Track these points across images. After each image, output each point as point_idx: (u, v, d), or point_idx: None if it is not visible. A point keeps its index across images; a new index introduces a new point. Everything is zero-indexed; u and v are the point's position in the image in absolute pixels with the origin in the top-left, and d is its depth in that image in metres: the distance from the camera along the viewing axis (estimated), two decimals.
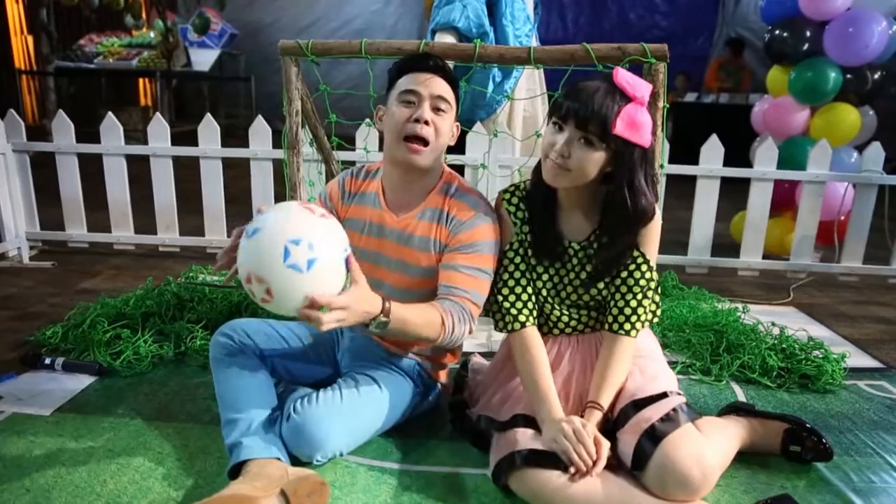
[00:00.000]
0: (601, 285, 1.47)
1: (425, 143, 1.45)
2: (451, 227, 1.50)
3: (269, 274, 1.15)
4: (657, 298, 1.51)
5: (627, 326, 1.44)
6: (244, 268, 1.20)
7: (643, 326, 1.47)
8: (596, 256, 1.45)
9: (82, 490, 1.37)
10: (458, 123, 1.57)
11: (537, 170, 1.46)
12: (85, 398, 1.78)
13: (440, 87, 1.47)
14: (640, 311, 1.44)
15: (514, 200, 1.52)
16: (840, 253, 3.22)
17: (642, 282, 1.44)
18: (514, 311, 1.48)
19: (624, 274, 1.44)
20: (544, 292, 1.50)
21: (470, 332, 1.46)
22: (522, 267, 1.50)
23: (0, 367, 1.95)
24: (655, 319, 1.53)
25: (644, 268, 1.44)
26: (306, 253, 1.15)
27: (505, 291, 1.49)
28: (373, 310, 1.28)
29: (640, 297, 1.44)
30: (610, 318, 1.46)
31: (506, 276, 1.50)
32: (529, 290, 1.50)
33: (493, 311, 1.52)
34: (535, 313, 1.50)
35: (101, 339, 2.02)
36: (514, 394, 1.50)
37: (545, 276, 1.50)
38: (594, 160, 1.33)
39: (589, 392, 1.43)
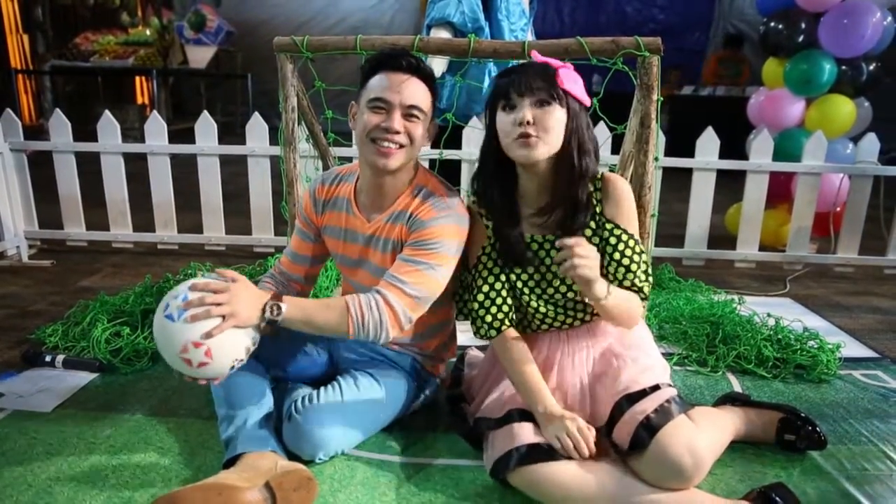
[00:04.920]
0: None
1: (399, 145, 1.41)
2: (410, 225, 1.46)
3: (171, 344, 1.26)
4: (644, 266, 1.46)
5: (633, 288, 1.43)
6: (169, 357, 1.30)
7: (648, 290, 1.45)
8: (554, 225, 1.43)
9: (84, 485, 1.39)
10: (434, 122, 1.52)
11: (484, 168, 1.45)
12: (85, 395, 1.79)
13: (413, 94, 1.40)
14: (639, 281, 1.43)
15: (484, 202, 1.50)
16: (836, 244, 3.24)
17: (635, 257, 1.42)
18: (488, 319, 1.46)
19: (617, 255, 1.41)
20: (526, 290, 1.49)
21: (397, 325, 1.38)
22: (496, 271, 1.48)
23: (1, 366, 1.96)
24: (650, 287, 1.50)
25: (630, 242, 1.42)
26: (175, 301, 1.27)
27: (480, 298, 1.47)
28: (260, 295, 1.31)
29: (635, 269, 1.41)
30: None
31: (479, 281, 1.48)
32: (504, 293, 1.48)
33: (472, 318, 1.50)
34: (511, 315, 1.48)
35: (100, 336, 2.03)
36: (507, 391, 1.51)
37: (524, 276, 1.48)
38: (556, 117, 1.34)
39: (590, 375, 1.46)
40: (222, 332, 1.24)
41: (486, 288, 1.48)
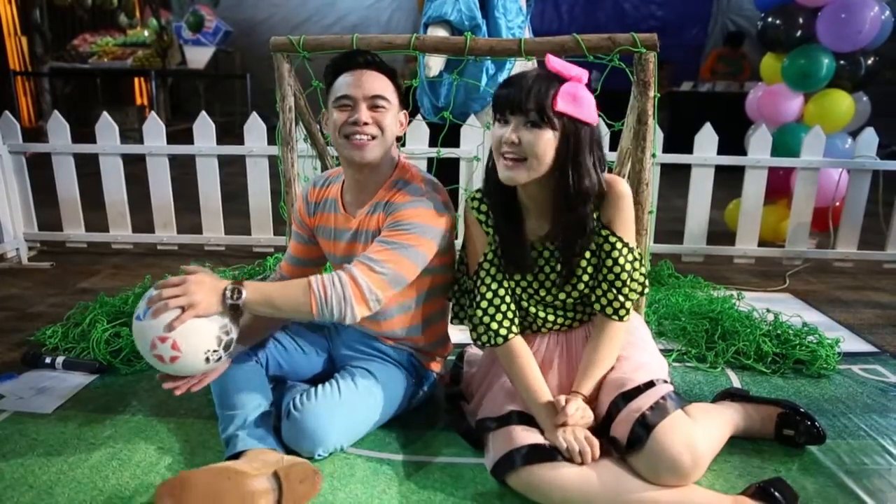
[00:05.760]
0: (573, 280, 1.46)
1: (371, 137, 1.44)
2: (386, 211, 1.48)
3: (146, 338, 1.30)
4: (638, 276, 1.48)
5: (621, 311, 1.44)
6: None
7: (632, 308, 1.47)
8: (558, 242, 1.43)
9: (84, 486, 1.39)
10: (405, 111, 1.55)
11: (491, 177, 1.44)
12: (85, 396, 1.79)
13: (374, 85, 1.44)
14: (631, 294, 1.45)
15: (483, 208, 1.49)
16: (835, 239, 3.23)
17: (627, 266, 1.43)
18: (494, 326, 1.46)
19: (609, 262, 1.43)
20: (525, 296, 1.49)
21: (362, 302, 1.36)
22: (499, 277, 1.48)
23: (1, 367, 1.97)
24: (647, 290, 1.52)
25: (625, 251, 1.43)
26: (168, 349, 1.28)
27: (483, 305, 1.46)
28: (219, 282, 1.33)
29: (627, 280, 1.44)
30: (601, 304, 1.46)
31: (483, 288, 1.47)
32: (508, 299, 1.48)
33: (474, 324, 1.49)
34: (516, 322, 1.48)
35: (100, 337, 2.03)
36: (506, 388, 1.50)
37: (523, 283, 1.48)
38: (544, 140, 1.30)
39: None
40: (183, 322, 1.26)
41: (489, 295, 1.47)
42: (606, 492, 1.26)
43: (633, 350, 1.48)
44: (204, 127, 3.13)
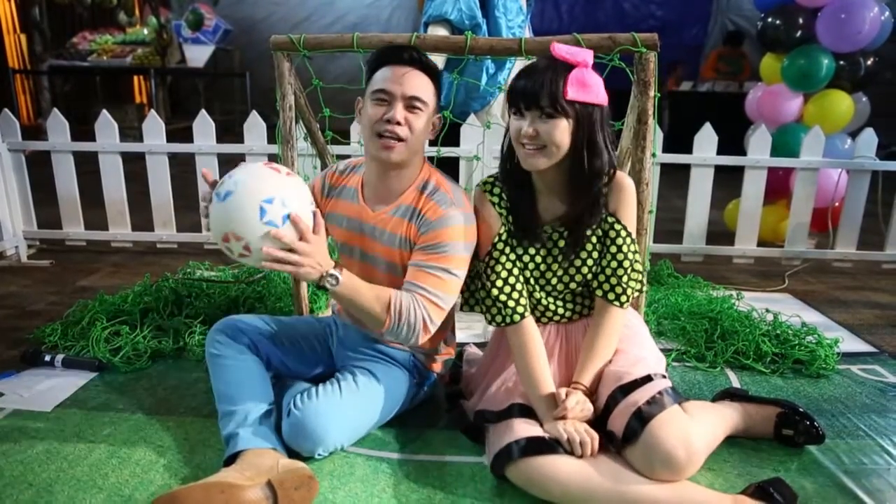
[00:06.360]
0: (578, 262, 1.49)
1: (399, 139, 1.43)
2: (419, 226, 1.48)
3: (246, 232, 1.27)
4: (639, 268, 1.53)
5: (621, 296, 1.48)
6: (220, 229, 1.31)
7: (632, 296, 1.51)
8: (565, 223, 1.47)
9: (84, 484, 1.39)
10: (440, 115, 1.54)
11: (507, 158, 1.49)
12: (85, 394, 1.79)
13: (415, 85, 1.44)
14: (631, 282, 1.49)
15: (497, 191, 1.52)
16: (834, 239, 3.24)
17: (630, 254, 1.48)
18: (511, 304, 1.48)
19: (613, 249, 1.47)
20: (532, 280, 1.52)
21: (426, 332, 1.44)
22: (513, 257, 1.50)
23: (0, 366, 1.97)
24: (646, 288, 1.55)
25: (628, 239, 1.48)
26: (280, 209, 1.28)
27: (499, 283, 1.48)
28: (326, 263, 1.34)
29: (627, 267, 1.48)
30: (602, 290, 1.50)
31: (498, 267, 1.49)
32: (522, 278, 1.51)
33: (488, 305, 1.50)
34: (529, 303, 1.51)
35: (100, 335, 2.03)
36: (507, 383, 1.51)
37: (531, 265, 1.51)
38: (561, 128, 1.36)
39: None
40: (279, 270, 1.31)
41: (504, 273, 1.49)
42: (605, 486, 1.27)
43: (631, 345, 1.50)
44: (203, 125, 3.12)
